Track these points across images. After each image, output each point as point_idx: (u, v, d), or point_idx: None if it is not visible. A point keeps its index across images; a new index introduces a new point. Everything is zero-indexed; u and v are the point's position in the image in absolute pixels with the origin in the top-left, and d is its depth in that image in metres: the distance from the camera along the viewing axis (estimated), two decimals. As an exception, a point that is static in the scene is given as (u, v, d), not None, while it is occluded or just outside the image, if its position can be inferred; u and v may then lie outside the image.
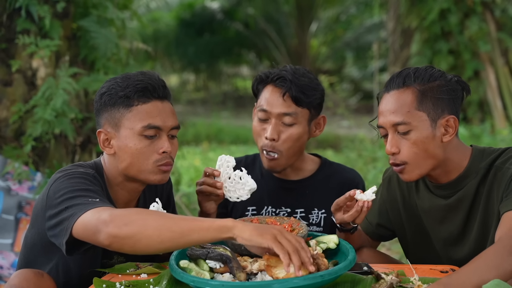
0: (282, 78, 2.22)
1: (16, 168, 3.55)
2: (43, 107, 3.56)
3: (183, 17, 15.87)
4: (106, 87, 1.94)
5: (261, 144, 2.28)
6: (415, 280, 1.67)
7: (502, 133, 7.45)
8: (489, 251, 1.64)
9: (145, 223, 1.59)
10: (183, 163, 5.92)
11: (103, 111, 1.94)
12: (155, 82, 1.92)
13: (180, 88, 17.86)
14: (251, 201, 2.34)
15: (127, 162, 1.91)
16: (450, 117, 1.90)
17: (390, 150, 1.92)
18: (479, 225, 1.95)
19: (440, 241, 2.06)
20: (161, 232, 1.57)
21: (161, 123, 1.90)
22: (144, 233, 1.58)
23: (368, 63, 15.18)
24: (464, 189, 1.96)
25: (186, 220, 1.61)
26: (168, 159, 1.92)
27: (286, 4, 15.46)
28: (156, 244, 1.58)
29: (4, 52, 3.70)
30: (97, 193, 1.78)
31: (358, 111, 11.50)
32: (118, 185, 1.98)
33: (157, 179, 1.93)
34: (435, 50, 8.12)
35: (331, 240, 1.86)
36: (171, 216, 1.64)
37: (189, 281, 1.61)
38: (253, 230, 1.55)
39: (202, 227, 1.57)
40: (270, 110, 2.23)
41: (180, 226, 1.58)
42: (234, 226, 1.56)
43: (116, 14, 4.04)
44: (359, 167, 6.67)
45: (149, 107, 1.90)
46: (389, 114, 1.91)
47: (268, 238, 1.53)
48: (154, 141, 1.90)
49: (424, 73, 1.93)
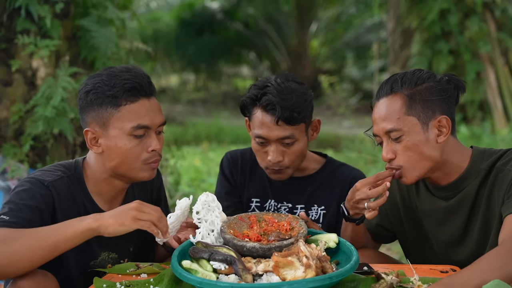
0: (271, 105, 2.17)
1: (12, 165, 3.56)
2: (43, 105, 3.56)
3: (183, 17, 15.87)
4: (92, 85, 1.92)
5: (265, 164, 2.28)
6: (415, 280, 1.67)
7: (502, 133, 7.45)
8: (492, 253, 1.64)
9: (12, 246, 1.67)
10: (183, 163, 5.91)
11: (89, 109, 1.93)
12: (142, 80, 1.91)
13: (180, 88, 17.85)
14: (256, 193, 2.40)
15: (116, 161, 1.92)
16: (442, 117, 1.90)
17: (386, 156, 1.93)
18: (479, 227, 1.95)
19: (441, 243, 2.05)
20: (31, 253, 1.68)
21: (150, 122, 1.91)
22: (14, 257, 1.66)
23: (368, 63, 15.17)
24: (464, 190, 1.96)
25: (52, 233, 1.70)
26: (157, 156, 1.95)
27: (286, 4, 15.46)
28: (27, 264, 1.69)
29: (4, 52, 3.70)
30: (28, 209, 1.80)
31: (358, 111, 11.48)
32: (104, 181, 1.99)
33: (146, 176, 1.96)
34: (435, 51, 8.11)
35: (331, 239, 1.85)
36: (35, 233, 1.70)
37: (196, 282, 1.59)
38: (114, 222, 1.70)
39: (68, 236, 1.70)
40: (267, 136, 2.22)
41: (48, 242, 1.69)
42: (97, 226, 1.70)
43: (116, 14, 4.04)
44: (359, 167, 6.65)
45: (137, 107, 1.90)
46: (381, 122, 1.92)
47: (129, 223, 1.70)
48: (143, 139, 1.92)
49: (411, 77, 1.92)
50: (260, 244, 1.73)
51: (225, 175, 2.46)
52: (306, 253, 1.61)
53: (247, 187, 2.43)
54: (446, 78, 1.94)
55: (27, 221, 1.78)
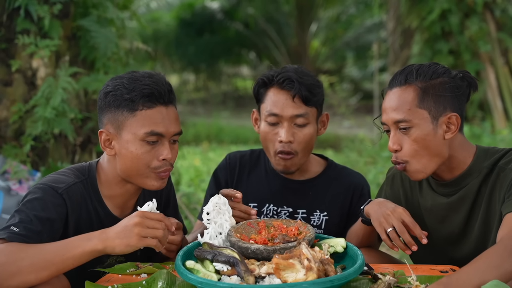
0: (288, 80, 2.20)
1: (14, 166, 3.55)
2: (43, 106, 3.56)
3: (183, 17, 15.88)
4: (112, 87, 1.91)
5: (275, 148, 2.24)
6: (412, 280, 1.67)
7: (502, 133, 7.46)
8: (490, 252, 1.64)
9: (19, 266, 1.65)
10: (183, 163, 5.92)
11: (106, 111, 1.92)
12: (161, 87, 1.89)
13: (180, 88, 17.86)
14: (254, 197, 2.35)
15: (126, 165, 1.91)
16: (452, 115, 1.90)
17: (392, 147, 1.93)
18: (480, 224, 1.95)
19: (441, 240, 2.05)
20: (37, 273, 1.66)
21: (164, 129, 1.89)
22: (21, 278, 1.65)
23: (368, 63, 15.18)
24: (466, 187, 1.96)
25: (59, 251, 1.68)
26: (168, 166, 1.91)
27: (286, 4, 15.47)
28: (34, 282, 1.67)
29: (4, 52, 3.70)
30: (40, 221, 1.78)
31: (358, 111, 11.49)
32: (116, 185, 1.97)
33: (155, 185, 1.93)
34: (435, 50, 8.12)
35: (338, 243, 1.84)
36: (43, 252, 1.68)
37: (196, 282, 1.59)
38: (120, 244, 1.66)
39: (75, 256, 1.67)
40: (281, 113, 2.20)
41: (54, 263, 1.66)
42: (104, 248, 1.67)
43: (116, 14, 4.04)
44: (359, 167, 6.67)
45: (153, 113, 1.88)
46: (391, 111, 1.92)
47: (135, 243, 1.66)
48: (155, 147, 1.89)
49: (427, 70, 1.92)
50: (264, 246, 1.72)
51: (217, 178, 2.43)
52: (308, 255, 1.60)
53: (243, 190, 2.38)
54: (461, 75, 1.94)
55: (37, 234, 1.76)
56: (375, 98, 9.35)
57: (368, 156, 7.24)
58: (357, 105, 12.79)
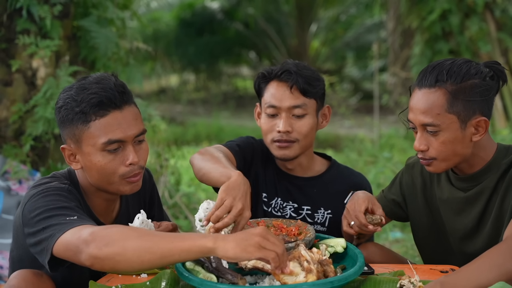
0: (287, 72, 2.27)
1: (14, 166, 3.55)
2: (44, 106, 3.56)
3: (183, 17, 15.87)
4: (62, 101, 1.83)
5: (272, 136, 2.28)
6: (416, 280, 1.67)
7: (502, 133, 7.45)
8: (493, 251, 1.64)
9: (125, 244, 1.54)
10: (183, 163, 5.91)
11: (62, 126, 1.86)
12: (110, 92, 1.79)
13: (180, 88, 17.86)
14: (266, 187, 2.39)
15: (94, 177, 1.85)
16: (481, 119, 1.88)
17: (419, 147, 1.93)
18: (493, 220, 1.95)
19: (455, 233, 2.06)
20: (140, 254, 1.54)
21: (122, 135, 1.80)
22: (124, 256, 1.54)
23: (368, 63, 15.17)
24: (483, 183, 1.97)
25: (166, 240, 1.56)
26: (137, 170, 1.84)
27: (286, 4, 15.46)
28: (136, 265, 1.56)
29: (4, 52, 3.70)
30: (74, 210, 1.73)
31: (358, 111, 11.48)
32: (93, 195, 1.93)
33: (128, 189, 1.87)
34: (436, 51, 8.11)
35: (338, 244, 1.85)
36: (152, 235, 1.59)
37: (196, 283, 1.60)
38: (236, 247, 1.51)
39: (183, 248, 1.53)
40: (279, 104, 2.26)
41: (160, 247, 1.54)
42: (216, 247, 1.52)
43: (116, 14, 4.04)
44: (360, 167, 6.67)
45: (107, 121, 1.79)
46: (419, 113, 1.90)
47: (252, 251, 1.51)
48: (118, 153, 1.82)
49: (458, 71, 1.88)
50: None
51: (243, 150, 2.37)
52: (306, 257, 1.61)
53: (260, 179, 2.40)
54: (491, 74, 1.91)
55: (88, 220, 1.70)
56: (375, 98, 9.35)
57: (368, 156, 7.24)
58: (357, 105, 12.79)
